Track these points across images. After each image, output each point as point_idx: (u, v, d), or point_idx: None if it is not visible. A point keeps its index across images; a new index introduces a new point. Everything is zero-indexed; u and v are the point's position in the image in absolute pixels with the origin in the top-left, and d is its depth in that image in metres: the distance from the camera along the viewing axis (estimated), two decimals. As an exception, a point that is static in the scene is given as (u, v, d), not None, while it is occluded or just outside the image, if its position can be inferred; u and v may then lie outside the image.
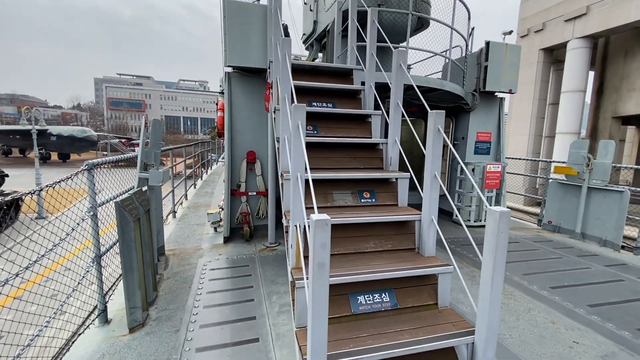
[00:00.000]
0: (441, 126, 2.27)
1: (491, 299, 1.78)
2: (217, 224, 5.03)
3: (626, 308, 3.06)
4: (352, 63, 4.02)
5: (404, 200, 2.84)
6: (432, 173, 2.33)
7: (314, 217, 1.44)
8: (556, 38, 13.73)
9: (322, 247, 1.45)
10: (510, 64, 5.62)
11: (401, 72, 2.85)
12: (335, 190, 2.77)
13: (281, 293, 3.10)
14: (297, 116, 1.99)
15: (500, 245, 1.73)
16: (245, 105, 4.66)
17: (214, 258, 3.96)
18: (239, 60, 4.24)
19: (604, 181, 5.21)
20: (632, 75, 12.40)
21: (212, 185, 9.96)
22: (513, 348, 2.41)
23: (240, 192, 4.72)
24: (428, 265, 2.27)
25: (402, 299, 2.23)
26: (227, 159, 4.55)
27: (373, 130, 3.38)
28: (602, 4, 12.02)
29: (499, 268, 1.76)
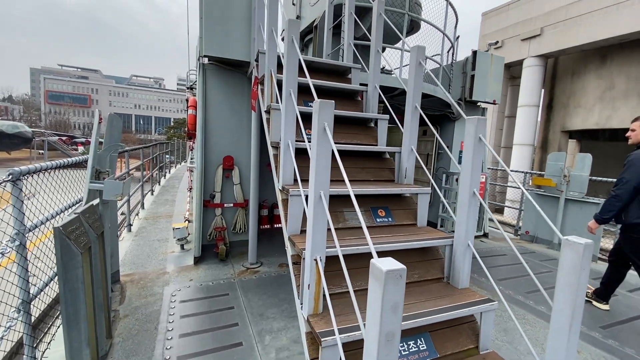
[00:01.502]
0: (483, 135, 1.92)
1: (567, 351, 1.43)
2: (185, 241, 4.30)
3: (634, 327, 2.96)
4: (349, 61, 3.61)
5: (424, 219, 2.46)
6: (470, 189, 1.97)
7: (380, 265, 0.96)
8: (513, 55, 14.64)
9: (394, 309, 0.97)
10: (495, 74, 5.61)
11: (420, 72, 2.49)
12: (346, 207, 2.30)
13: (275, 332, 2.54)
14: (324, 117, 1.51)
15: (582, 285, 1.39)
16: (223, 103, 4.03)
17: (183, 285, 3.27)
18: (218, 50, 3.63)
19: (582, 193, 5.34)
20: (577, 94, 13.56)
21: (172, 192, 8.95)
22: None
23: (215, 204, 4.06)
24: (468, 302, 1.89)
25: (440, 346, 1.81)
26: (199, 165, 3.87)
27: (379, 137, 2.98)
28: (554, 26, 13.02)
29: (579, 313, 1.41)
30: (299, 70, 3.37)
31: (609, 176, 6.20)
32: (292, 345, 2.38)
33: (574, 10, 12.33)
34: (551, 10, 13.19)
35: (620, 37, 11.12)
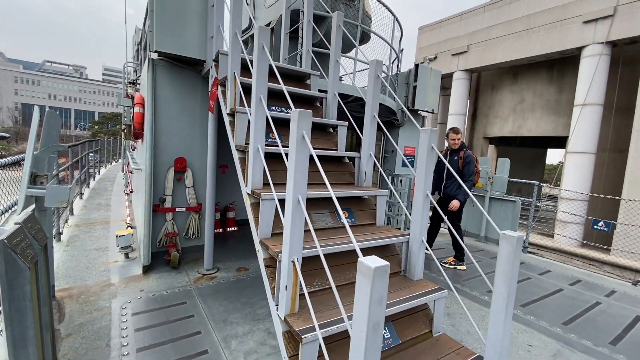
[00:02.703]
0: (434, 144, 2.18)
1: (504, 328, 1.72)
2: (130, 249, 3.98)
3: (545, 304, 3.57)
4: (307, 67, 3.72)
5: (382, 218, 2.68)
6: (424, 192, 2.22)
7: (368, 262, 1.09)
8: (445, 68, 16.25)
9: (380, 301, 1.11)
10: (433, 86, 6.22)
11: (378, 83, 2.70)
12: (313, 210, 2.41)
13: (240, 336, 2.53)
14: (303, 125, 1.59)
15: (515, 272, 1.69)
16: (175, 102, 3.83)
17: (134, 297, 3.04)
18: (172, 46, 3.45)
19: (502, 192, 6.21)
20: (496, 105, 15.59)
21: (105, 195, 8.10)
22: (488, 362, 2.47)
23: (165, 208, 3.83)
24: (424, 292, 2.13)
25: (401, 333, 2.02)
26: (147, 167, 3.63)
27: (339, 142, 3.14)
28: (477, 45, 14.78)
29: (512, 296, 1.71)
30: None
31: (519, 177, 7.29)
32: (260, 348, 2.41)
33: (493, 32, 14.16)
34: (475, 30, 14.96)
35: (529, 59, 13.10)
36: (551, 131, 13.36)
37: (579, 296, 3.90)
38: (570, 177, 11.17)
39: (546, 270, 4.83)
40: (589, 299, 3.83)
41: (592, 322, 3.25)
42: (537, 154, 18.98)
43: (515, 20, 13.29)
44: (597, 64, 10.71)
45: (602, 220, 5.19)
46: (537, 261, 5.31)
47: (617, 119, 11.45)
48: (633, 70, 10.69)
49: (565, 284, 4.27)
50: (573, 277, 4.58)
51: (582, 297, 3.89)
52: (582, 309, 3.52)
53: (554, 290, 4.03)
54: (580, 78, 11.18)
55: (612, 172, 11.44)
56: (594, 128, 10.94)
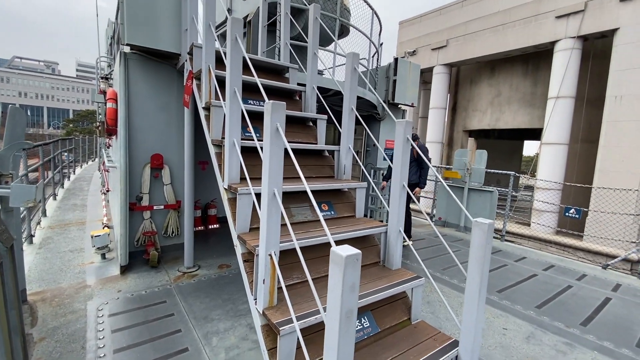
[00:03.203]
0: (409, 135, 2.21)
1: (477, 312, 1.78)
2: (106, 249, 3.87)
3: (520, 289, 3.72)
4: (285, 60, 3.68)
5: (361, 210, 2.71)
6: (400, 183, 2.25)
7: (341, 251, 1.10)
8: (425, 62, 16.45)
9: (352, 289, 1.12)
10: (413, 80, 6.29)
11: (355, 76, 2.71)
12: (292, 204, 2.40)
13: (222, 332, 2.52)
14: (276, 117, 1.58)
15: (487, 257, 1.75)
16: (149, 97, 3.72)
17: (111, 298, 2.97)
18: (144, 39, 3.34)
19: (480, 183, 6.38)
20: (475, 99, 15.94)
21: (80, 196, 7.82)
22: (465, 346, 2.56)
23: (142, 207, 3.74)
24: (402, 280, 2.18)
25: (380, 321, 2.06)
26: (122, 165, 3.52)
27: (319, 136, 3.14)
28: (456, 39, 15.03)
29: (485, 281, 1.77)
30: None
31: (498, 169, 7.51)
32: (242, 343, 2.40)
33: (471, 27, 14.42)
34: (454, 25, 15.20)
35: (505, 53, 13.43)
36: (527, 123, 13.79)
37: (552, 280, 4.07)
38: (545, 168, 11.60)
39: (522, 257, 5.02)
40: (562, 283, 4.01)
41: (564, 304, 3.41)
42: (515, 145, 19.58)
43: (492, 15, 13.59)
44: (569, 58, 11.11)
45: (573, 208, 5.42)
46: (513, 249, 5.51)
47: (588, 111, 11.94)
48: (602, 64, 11.14)
49: (540, 270, 4.45)
50: (547, 263, 4.78)
51: (554, 281, 4.06)
52: (555, 293, 3.69)
53: (528, 275, 4.19)
54: (554, 71, 11.57)
55: (584, 162, 11.96)
56: (567, 120, 11.37)
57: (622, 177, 9.91)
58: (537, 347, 2.58)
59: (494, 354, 2.47)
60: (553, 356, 2.48)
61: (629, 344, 2.73)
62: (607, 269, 4.82)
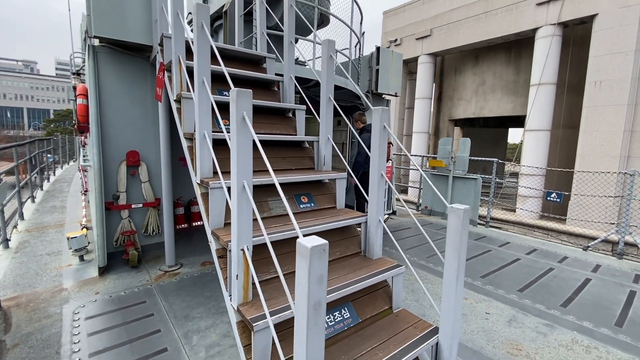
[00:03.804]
0: (387, 123, 2.18)
1: (456, 297, 1.78)
2: (84, 251, 3.75)
3: (503, 274, 3.77)
4: (262, 50, 3.59)
5: (342, 201, 2.67)
6: (378, 172, 2.22)
7: (306, 243, 1.06)
8: (410, 52, 16.43)
9: (319, 281, 1.08)
10: (395, 69, 6.25)
11: (331, 64, 2.65)
12: (270, 197, 2.35)
13: (202, 330, 2.47)
14: (242, 105, 1.51)
15: (464, 242, 1.74)
16: (122, 92, 3.58)
17: (88, 300, 2.87)
18: (113, 31, 3.19)
19: (464, 171, 6.43)
20: (460, 88, 16.04)
21: (60, 197, 7.58)
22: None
23: (120, 206, 3.62)
24: (382, 269, 2.16)
25: (361, 311, 2.04)
26: (95, 163, 3.39)
27: (298, 127, 3.08)
28: (440, 29, 15.03)
29: (462, 266, 1.76)
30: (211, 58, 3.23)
31: (484, 156, 7.59)
32: (223, 340, 2.35)
33: (454, 16, 14.43)
34: (437, 14, 15.17)
35: (488, 41, 13.50)
36: (510, 111, 13.97)
37: (534, 264, 4.15)
38: (529, 154, 11.80)
39: (506, 242, 5.09)
40: (543, 266, 4.08)
41: (545, 287, 3.47)
42: (500, 133, 19.87)
43: (475, 3, 13.60)
44: (550, 45, 11.23)
45: (554, 192, 5.52)
46: (497, 234, 5.60)
47: (569, 97, 12.15)
48: (582, 50, 11.31)
49: (523, 254, 4.53)
50: (530, 247, 4.87)
51: (537, 264, 4.14)
52: (537, 276, 3.75)
53: (512, 260, 4.26)
54: (535, 59, 11.69)
55: (566, 147, 12.21)
56: (549, 106, 11.55)
57: (602, 160, 10.16)
58: (519, 330, 2.62)
59: (476, 338, 2.50)
60: (534, 338, 2.52)
61: (607, 323, 2.80)
62: (588, 251, 4.94)
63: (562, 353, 2.35)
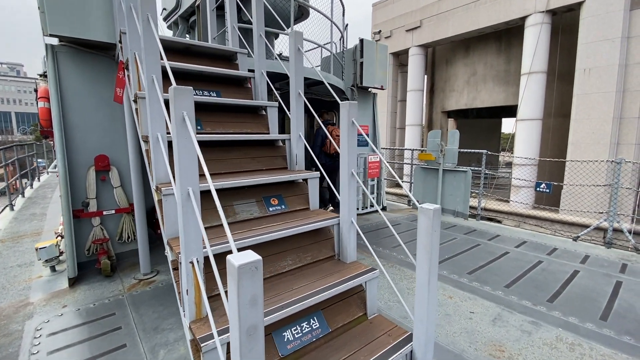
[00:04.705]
0: (355, 118, 2.04)
1: (429, 302, 1.66)
2: (56, 261, 3.59)
3: (491, 269, 3.67)
4: (235, 46, 3.42)
5: (315, 202, 2.54)
6: (348, 170, 2.08)
7: (234, 260, 0.92)
8: (400, 45, 16.25)
9: (253, 303, 0.95)
10: (381, 61, 6.09)
11: (300, 57, 2.49)
12: (236, 200, 2.21)
13: (171, 343, 2.34)
14: (181, 104, 1.36)
15: (435, 244, 1.62)
16: (88, 93, 3.41)
17: (54, 315, 2.73)
18: (70, 28, 3.01)
19: (454, 163, 6.32)
20: (451, 79, 15.90)
21: (42, 204, 7.38)
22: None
23: (90, 213, 3.47)
24: (355, 274, 2.03)
25: (332, 320, 1.92)
26: (60, 168, 3.23)
27: (270, 125, 2.93)
28: (430, 19, 14.84)
29: (434, 269, 1.65)
30: (177, 55, 3.06)
31: (478, 148, 7.48)
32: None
33: (443, 6, 14.24)
34: (426, 4, 14.97)
35: (479, 31, 13.35)
36: (502, 101, 13.87)
37: (522, 257, 4.05)
38: (521, 144, 11.73)
39: (496, 235, 5.00)
40: (532, 259, 3.99)
41: (533, 281, 3.38)
42: (493, 124, 19.79)
43: (464, -8, 13.43)
44: (539, 33, 11.11)
45: (543, 183, 5.43)
46: (488, 227, 5.50)
47: (560, 85, 12.07)
48: (571, 38, 11.20)
49: (512, 247, 4.44)
50: (519, 239, 4.78)
51: (525, 257, 4.04)
52: (525, 270, 3.66)
53: (500, 254, 4.16)
54: (525, 47, 11.57)
55: (558, 136, 12.15)
56: (540, 95, 11.46)
57: (592, 149, 10.11)
58: (503, 330, 2.52)
59: (458, 340, 2.39)
60: (517, 337, 2.42)
61: (593, 317, 2.71)
62: (578, 241, 4.86)
63: (546, 353, 2.25)
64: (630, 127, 9.68)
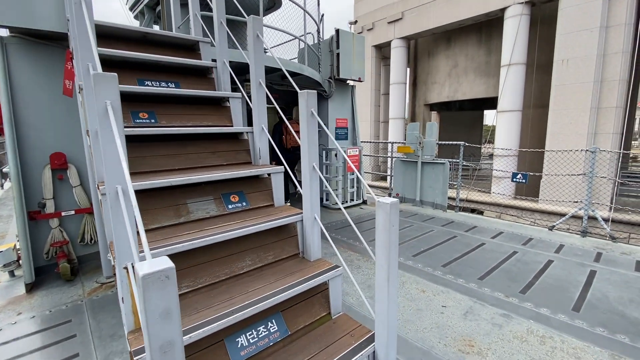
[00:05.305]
0: (314, 109, 1.93)
1: (389, 299, 1.59)
2: (15, 265, 3.38)
3: (466, 261, 3.66)
4: (198, 35, 3.25)
5: (280, 198, 2.43)
6: (310, 164, 1.98)
7: (140, 269, 0.81)
8: (382, 37, 16.14)
9: (165, 316, 0.84)
10: (358, 53, 5.98)
11: (259, 44, 2.36)
12: (190, 198, 2.07)
13: (127, 351, 2.20)
14: (104, 93, 1.22)
15: (393, 240, 1.54)
16: (41, 87, 3.18)
17: (7, 323, 2.55)
18: (16, 17, 2.77)
19: (432, 155, 6.30)
20: (433, 72, 15.93)
21: (10, 206, 7.01)
22: (402, 332, 2.41)
23: (48, 214, 3.26)
24: (317, 272, 1.94)
25: (292, 322, 1.82)
26: (12, 168, 3.01)
27: (234, 117, 2.79)
28: (411, 11, 14.77)
29: (394, 265, 1.57)
30: (133, 44, 2.87)
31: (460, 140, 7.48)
32: (148, 361, 2.10)
33: (425, -2, 14.17)
34: (408, -4, 14.88)
35: (459, 22, 13.36)
36: (484, 93, 13.99)
37: (498, 248, 4.06)
38: (501, 135, 11.88)
39: (473, 226, 5.01)
40: (507, 250, 4.00)
41: (507, 272, 3.37)
42: (475, 116, 20.01)
43: (445, -16, 13.38)
44: (518, 24, 11.19)
45: (520, 173, 5.47)
46: (465, 218, 5.52)
47: (539, 76, 12.24)
48: (550, 29, 11.33)
49: (488, 238, 4.44)
50: (496, 230, 4.80)
51: (501, 248, 4.05)
52: (499, 261, 3.65)
53: (476, 245, 4.16)
54: (505, 39, 11.65)
55: (537, 127, 12.35)
56: (519, 86, 11.59)
57: (571, 139, 10.31)
58: (474, 323, 2.49)
59: (428, 336, 2.34)
60: (488, 331, 2.39)
61: (565, 308, 2.71)
62: (554, 230, 4.92)
63: (516, 346, 2.23)
64: (608, 116, 9.89)
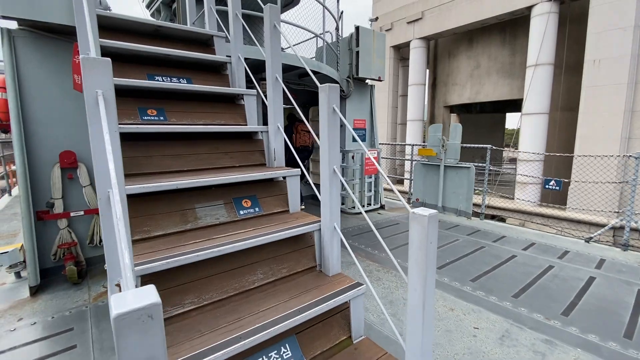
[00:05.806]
0: (337, 105, 1.70)
1: (424, 330, 1.34)
2: (21, 267, 3.30)
3: (497, 276, 3.33)
4: (213, 29, 3.09)
5: (296, 204, 2.21)
6: (330, 167, 1.75)
7: (115, 306, 0.60)
8: (401, 37, 15.79)
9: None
10: (378, 51, 5.73)
11: (277, 35, 2.16)
12: (199, 202, 1.88)
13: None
14: (95, 80, 1.04)
15: (431, 259, 1.29)
16: (51, 83, 3.09)
17: (6, 330, 2.43)
18: (26, 9, 2.68)
19: (456, 159, 5.96)
20: (454, 73, 15.45)
21: (28, 202, 7.10)
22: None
23: (56, 215, 3.16)
24: (337, 290, 1.71)
25: (308, 347, 1.60)
26: (19, 166, 2.92)
27: (248, 116, 2.60)
28: (431, 11, 14.37)
29: (431, 290, 1.32)
30: (146, 39, 2.73)
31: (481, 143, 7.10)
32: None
33: (446, -3, 13.76)
34: (428, -5, 14.49)
35: (482, 22, 12.87)
36: (507, 94, 13.42)
37: (532, 261, 3.71)
38: (527, 139, 11.31)
39: (501, 236, 4.66)
40: (542, 263, 3.65)
41: (545, 289, 3.04)
42: (497, 118, 19.31)
43: (467, -18, 12.94)
44: (546, 23, 10.65)
45: (553, 180, 5.07)
46: (492, 227, 5.16)
47: (568, 78, 11.61)
48: (580, 28, 10.73)
49: (519, 249, 4.09)
50: (527, 241, 4.43)
51: (535, 262, 3.70)
52: (535, 276, 3.32)
53: (507, 257, 3.82)
54: (531, 38, 11.11)
55: (565, 131, 11.71)
56: (546, 88, 11.02)
57: (603, 143, 9.68)
58: (512, 350, 2.19)
59: (460, 364, 2.06)
60: (530, 361, 2.09)
61: (615, 334, 2.37)
62: (591, 242, 4.51)
63: (565, 381, 1.92)
64: (643, 120, 9.24)
